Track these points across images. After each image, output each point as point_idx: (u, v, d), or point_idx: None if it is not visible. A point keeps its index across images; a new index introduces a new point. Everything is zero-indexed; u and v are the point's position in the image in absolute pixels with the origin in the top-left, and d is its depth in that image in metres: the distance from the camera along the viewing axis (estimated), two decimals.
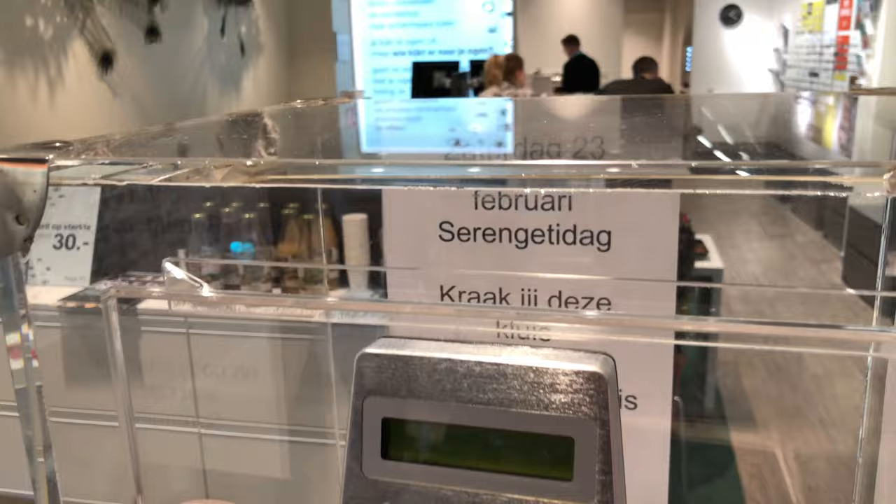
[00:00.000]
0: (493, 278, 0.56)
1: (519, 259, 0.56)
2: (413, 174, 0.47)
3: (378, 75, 7.55)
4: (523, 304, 0.56)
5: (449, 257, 0.57)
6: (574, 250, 0.55)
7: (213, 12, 5.04)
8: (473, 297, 0.57)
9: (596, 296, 0.55)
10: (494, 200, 0.56)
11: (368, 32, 7.46)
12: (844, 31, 6.77)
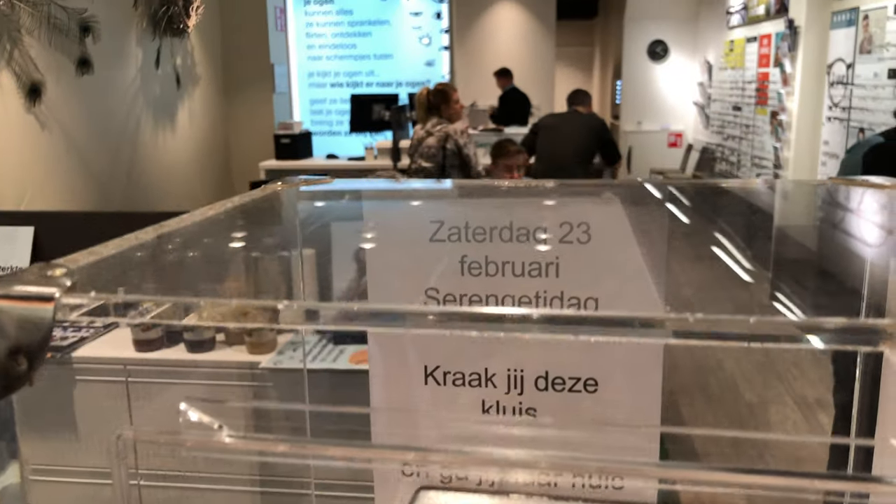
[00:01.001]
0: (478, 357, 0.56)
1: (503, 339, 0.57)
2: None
3: (316, 106, 7.53)
4: (509, 385, 0.56)
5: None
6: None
7: (148, 43, 4.95)
8: (458, 377, 0.57)
9: (583, 376, 0.55)
10: (481, 267, 0.56)
11: (306, 64, 7.44)
12: (764, 69, 7.13)
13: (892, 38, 4.26)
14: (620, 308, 0.55)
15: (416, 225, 0.55)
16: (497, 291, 0.57)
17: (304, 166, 6.11)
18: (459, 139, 4.56)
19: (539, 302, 0.57)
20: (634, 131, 10.44)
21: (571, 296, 0.56)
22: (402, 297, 0.58)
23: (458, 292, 0.58)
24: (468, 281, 0.57)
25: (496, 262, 0.56)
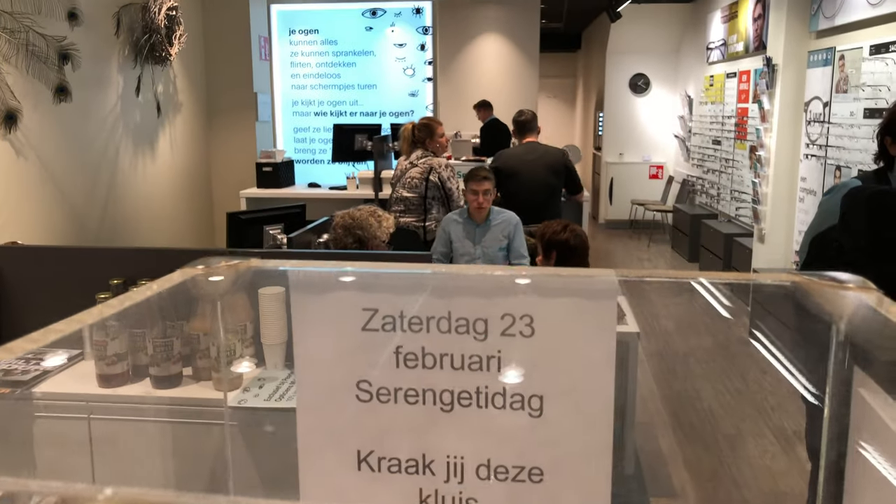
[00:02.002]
0: (415, 443, 0.53)
1: (444, 423, 0.54)
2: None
3: (299, 135, 7.52)
4: (449, 473, 0.53)
5: (367, 419, 0.54)
6: (504, 415, 0.53)
7: (129, 71, 4.93)
8: (394, 463, 0.55)
9: (527, 465, 0.53)
10: (418, 359, 0.54)
11: (290, 92, 7.45)
12: (744, 104, 7.22)
13: (868, 78, 4.33)
14: (568, 406, 0.53)
15: (347, 313, 0.52)
16: (434, 386, 0.54)
17: (286, 195, 6.08)
18: (443, 172, 4.56)
19: (480, 398, 0.54)
20: (616, 162, 10.52)
21: (514, 392, 0.53)
22: (331, 389, 0.55)
23: (392, 385, 0.55)
24: (403, 374, 0.55)
25: (433, 355, 0.54)
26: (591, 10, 10.72)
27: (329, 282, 0.53)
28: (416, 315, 0.52)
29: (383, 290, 0.51)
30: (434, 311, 0.51)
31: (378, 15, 7.26)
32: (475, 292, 0.49)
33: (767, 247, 5.66)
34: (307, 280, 0.54)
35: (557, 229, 3.02)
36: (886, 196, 1.76)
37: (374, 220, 2.87)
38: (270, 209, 3.75)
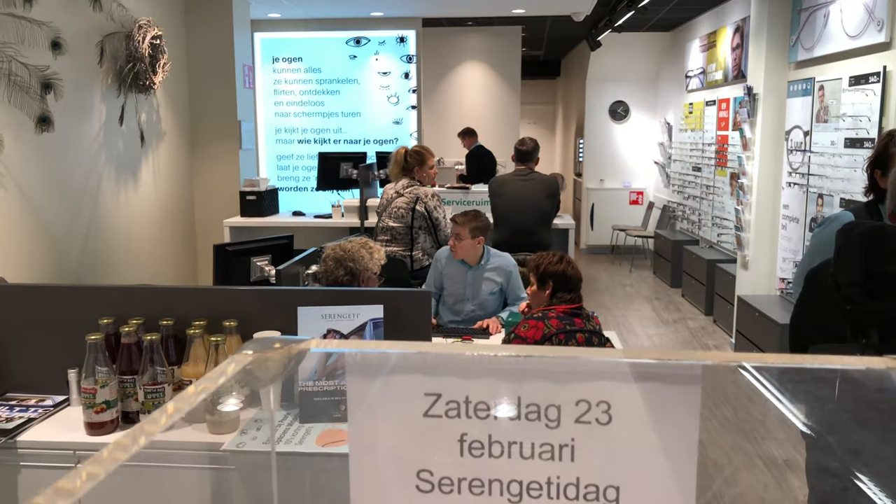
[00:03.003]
0: None
1: None
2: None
3: (282, 162, 7.49)
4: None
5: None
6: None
7: (112, 100, 4.88)
8: None
9: None
10: (484, 448, 0.51)
11: (274, 120, 7.43)
12: (723, 131, 7.32)
13: (848, 109, 4.40)
14: (645, 497, 0.50)
15: (408, 397, 0.49)
16: (502, 476, 0.51)
17: (269, 223, 6.03)
18: (430, 202, 4.54)
19: (551, 489, 0.51)
20: (597, 188, 10.60)
21: (588, 483, 0.50)
22: (388, 479, 0.52)
23: (455, 475, 0.51)
24: (468, 463, 0.51)
25: (501, 443, 0.50)
26: (571, 39, 10.85)
27: (389, 364, 0.50)
28: (483, 400, 0.49)
29: (447, 374, 0.48)
30: (501, 395, 0.48)
31: (362, 43, 7.28)
32: (547, 376, 0.47)
33: (751, 273, 5.70)
34: (365, 363, 0.51)
35: (553, 260, 3.01)
36: (881, 232, 1.79)
37: (365, 251, 2.84)
38: (257, 240, 3.70)
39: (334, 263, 2.81)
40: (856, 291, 1.77)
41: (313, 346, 0.53)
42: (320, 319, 1.91)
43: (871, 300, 1.73)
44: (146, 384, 1.90)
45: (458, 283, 3.87)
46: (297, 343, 0.51)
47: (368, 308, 1.90)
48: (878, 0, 4.08)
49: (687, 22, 8.88)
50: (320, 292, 2.11)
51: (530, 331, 2.85)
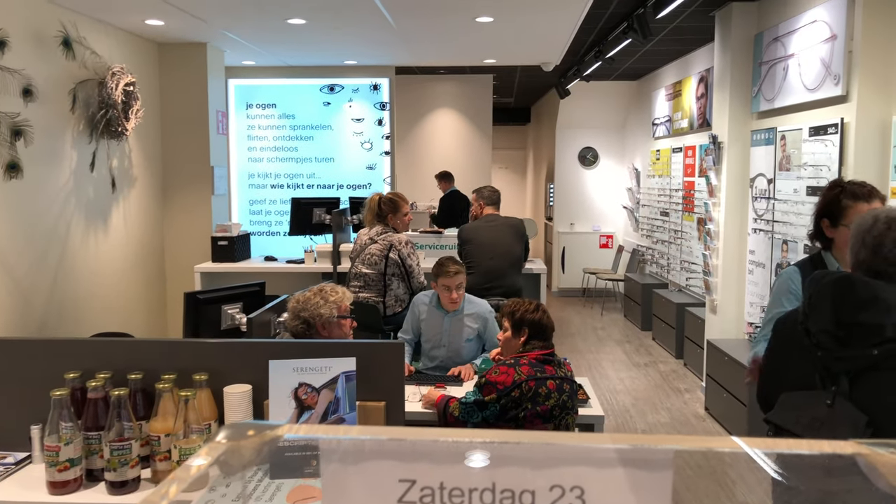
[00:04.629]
0: None
1: None
2: None
3: (255, 207, 7.48)
4: None
5: None
6: None
7: (83, 146, 4.86)
8: None
9: None
10: None
11: (247, 165, 7.44)
12: (690, 178, 7.48)
13: (808, 158, 4.54)
14: None
15: (382, 484, 0.50)
16: None
17: (241, 269, 5.99)
18: (403, 249, 4.56)
19: None
20: (567, 232, 10.73)
21: None
22: None
23: None
24: None
25: None
26: (541, 87, 11.09)
27: (364, 451, 0.51)
28: (458, 486, 0.50)
29: (422, 460, 0.49)
30: (477, 482, 0.49)
31: (336, 91, 7.37)
32: (522, 462, 0.47)
33: (719, 317, 5.78)
34: (340, 449, 0.51)
35: (530, 308, 3.05)
36: (850, 281, 1.86)
37: (318, 297, 2.80)
38: (228, 288, 3.67)
39: (291, 315, 2.80)
40: (826, 338, 1.83)
41: (287, 432, 0.53)
42: (292, 373, 1.90)
43: (840, 347, 1.80)
44: (112, 441, 1.86)
45: (435, 329, 3.87)
46: (270, 429, 0.51)
47: (340, 361, 1.89)
48: (835, 55, 4.25)
49: (653, 72, 9.13)
50: (292, 344, 2.10)
51: (501, 376, 2.87)
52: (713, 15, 5.81)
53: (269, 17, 5.11)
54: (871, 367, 1.77)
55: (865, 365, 1.77)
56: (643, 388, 6.25)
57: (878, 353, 1.75)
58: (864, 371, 1.77)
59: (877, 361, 1.75)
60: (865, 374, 1.77)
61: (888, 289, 1.81)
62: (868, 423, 1.75)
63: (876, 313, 1.76)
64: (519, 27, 5.49)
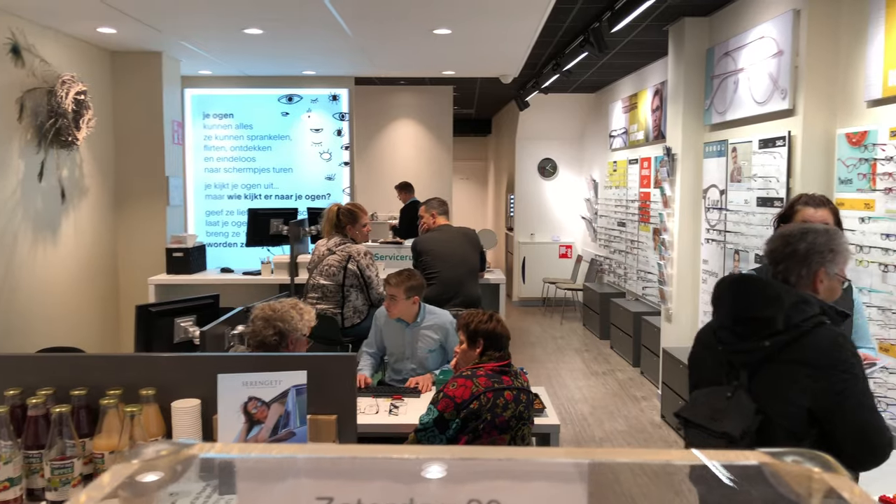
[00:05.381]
0: None
1: None
2: None
3: (212, 218, 7.38)
4: None
5: None
6: None
7: (31, 156, 4.74)
8: None
9: None
10: None
11: (203, 176, 7.34)
12: (646, 189, 7.61)
13: (758, 170, 4.65)
14: None
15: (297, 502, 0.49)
16: None
17: (197, 281, 5.90)
18: (362, 260, 4.54)
19: None
20: (527, 242, 10.80)
21: None
22: None
23: None
24: None
25: None
26: (501, 99, 11.18)
27: (280, 469, 0.50)
28: (376, 503, 0.49)
29: (339, 477, 0.49)
30: (395, 497, 0.49)
31: (294, 101, 7.32)
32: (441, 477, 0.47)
33: (675, 326, 5.87)
34: (256, 468, 0.51)
35: (484, 319, 3.05)
36: (747, 280, 2.02)
37: (295, 312, 2.80)
38: (181, 300, 3.61)
39: (263, 323, 2.76)
40: (725, 334, 1.98)
41: (201, 451, 0.52)
42: (241, 387, 1.87)
43: (738, 341, 1.94)
44: (53, 459, 1.81)
45: (397, 341, 3.86)
46: (185, 449, 0.50)
47: (291, 374, 1.87)
48: (782, 71, 4.37)
49: (610, 84, 9.28)
50: (242, 358, 2.07)
51: (458, 389, 2.86)
52: (667, 29, 5.94)
53: (225, 27, 5.07)
54: (767, 360, 1.90)
55: (761, 357, 1.90)
56: (601, 397, 6.30)
57: (769, 344, 1.87)
58: (761, 364, 1.90)
59: (772, 354, 1.88)
60: (763, 366, 1.90)
61: (781, 287, 1.96)
62: (758, 412, 1.88)
63: (767, 307, 1.89)
64: (476, 39, 5.53)
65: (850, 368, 1.85)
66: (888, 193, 3.45)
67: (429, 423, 2.86)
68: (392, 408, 3.32)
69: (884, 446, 1.85)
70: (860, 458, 1.84)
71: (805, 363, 1.85)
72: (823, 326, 1.88)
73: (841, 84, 4.03)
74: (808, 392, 1.84)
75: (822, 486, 0.43)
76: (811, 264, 1.98)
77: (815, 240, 1.99)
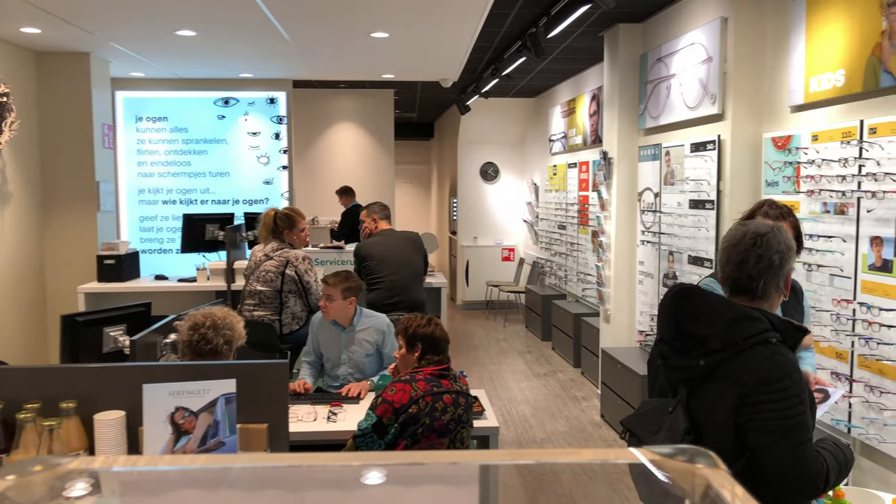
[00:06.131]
0: None
1: None
2: None
3: (146, 223, 7.18)
4: None
5: None
6: None
7: None
8: None
9: None
10: None
11: (136, 181, 7.14)
12: (585, 192, 7.73)
13: (690, 173, 4.78)
14: None
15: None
16: None
17: (129, 289, 5.73)
18: (300, 266, 4.48)
19: None
20: (471, 246, 10.85)
21: None
22: None
23: None
24: None
25: None
26: (443, 103, 11.21)
27: (165, 482, 0.48)
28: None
29: (227, 488, 0.47)
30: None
31: (231, 104, 7.19)
32: (328, 485, 0.46)
33: (613, 327, 5.98)
34: (141, 480, 0.49)
35: (422, 322, 3.04)
36: (689, 293, 1.92)
37: (235, 320, 2.72)
38: (111, 309, 3.49)
39: (213, 331, 2.64)
40: (665, 348, 1.90)
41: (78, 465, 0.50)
42: (168, 397, 1.82)
43: (677, 357, 1.85)
44: None
45: (333, 347, 3.82)
46: (62, 463, 0.48)
47: (220, 383, 1.83)
48: (711, 77, 4.50)
49: (549, 89, 9.41)
50: (169, 367, 2.02)
51: (397, 394, 2.85)
52: (602, 35, 6.05)
53: (156, 28, 4.94)
54: (705, 378, 1.79)
55: (698, 375, 1.80)
56: (542, 398, 6.37)
57: (703, 363, 1.77)
58: (700, 381, 1.81)
59: (709, 372, 1.78)
60: (701, 383, 1.81)
61: (722, 302, 1.86)
62: (689, 431, 1.79)
63: (705, 325, 1.79)
64: (414, 43, 5.53)
65: (784, 391, 1.71)
66: (811, 196, 3.58)
67: (367, 429, 2.84)
68: (331, 414, 3.29)
69: (810, 480, 1.71)
70: (785, 491, 1.71)
71: (736, 382, 1.73)
72: (766, 345, 1.75)
73: (767, 90, 4.17)
74: (735, 414, 1.73)
75: (703, 482, 0.43)
76: (783, 270, 1.87)
77: (780, 246, 1.85)
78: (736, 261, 1.86)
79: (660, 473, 0.46)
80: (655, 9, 5.35)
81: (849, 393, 3.29)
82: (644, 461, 0.47)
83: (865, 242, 3.20)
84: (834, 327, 3.38)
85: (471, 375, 6.94)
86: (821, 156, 3.51)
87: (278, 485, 0.47)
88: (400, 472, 0.48)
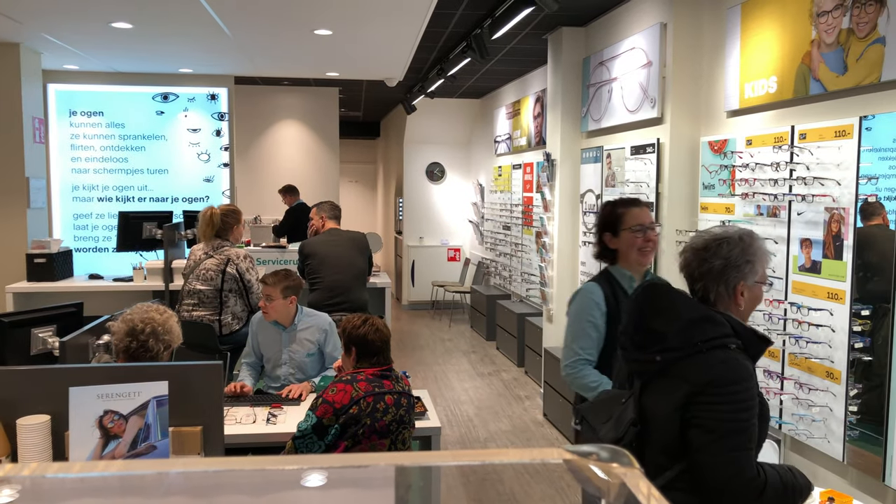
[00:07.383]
0: None
1: None
2: None
3: (80, 221, 6.94)
4: None
5: None
6: None
7: None
8: None
9: None
10: None
11: (70, 177, 6.90)
12: (529, 193, 7.80)
13: (631, 175, 4.87)
14: None
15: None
16: None
17: (61, 288, 5.53)
18: (241, 264, 4.40)
19: None
20: (417, 246, 10.84)
21: None
22: None
23: None
24: None
25: None
26: (388, 102, 11.17)
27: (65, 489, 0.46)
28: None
29: (135, 494, 0.45)
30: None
31: (170, 99, 7.01)
32: (242, 490, 0.45)
33: (555, 326, 6.05)
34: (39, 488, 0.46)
35: (357, 324, 2.97)
36: (653, 290, 1.95)
37: (172, 320, 2.64)
38: (41, 309, 3.37)
39: (153, 339, 2.53)
40: (626, 341, 1.92)
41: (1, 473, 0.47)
42: (96, 400, 1.76)
43: (635, 350, 1.87)
44: None
45: (274, 347, 3.75)
46: None
47: (151, 385, 1.77)
48: (651, 81, 4.59)
49: (494, 91, 9.47)
50: (98, 369, 1.95)
51: (338, 395, 2.81)
52: (546, 38, 6.11)
53: (89, 19, 4.78)
54: (660, 373, 1.81)
55: (653, 370, 1.82)
56: (486, 397, 6.40)
57: (660, 359, 1.79)
58: (654, 375, 1.83)
59: (665, 367, 1.80)
60: (656, 378, 1.83)
61: (689, 303, 1.88)
62: (634, 423, 1.82)
63: (665, 322, 1.81)
64: (358, 41, 5.49)
65: (731, 395, 1.72)
66: (745, 198, 3.69)
67: (307, 430, 2.80)
68: (270, 416, 3.23)
69: (742, 486, 1.72)
70: (715, 494, 1.73)
71: (688, 381, 1.75)
72: (724, 349, 1.76)
73: (704, 94, 4.28)
74: (682, 411, 1.75)
75: (618, 480, 0.44)
76: (729, 280, 1.86)
77: (730, 253, 1.85)
78: (687, 260, 1.92)
79: (577, 473, 0.46)
80: (598, 13, 5.43)
81: (780, 390, 3.40)
82: (563, 460, 0.47)
83: (796, 244, 3.31)
84: (766, 326, 3.49)
85: (415, 375, 6.93)
86: (754, 160, 3.62)
87: (192, 492, 0.45)
88: (338, 475, 0.47)
